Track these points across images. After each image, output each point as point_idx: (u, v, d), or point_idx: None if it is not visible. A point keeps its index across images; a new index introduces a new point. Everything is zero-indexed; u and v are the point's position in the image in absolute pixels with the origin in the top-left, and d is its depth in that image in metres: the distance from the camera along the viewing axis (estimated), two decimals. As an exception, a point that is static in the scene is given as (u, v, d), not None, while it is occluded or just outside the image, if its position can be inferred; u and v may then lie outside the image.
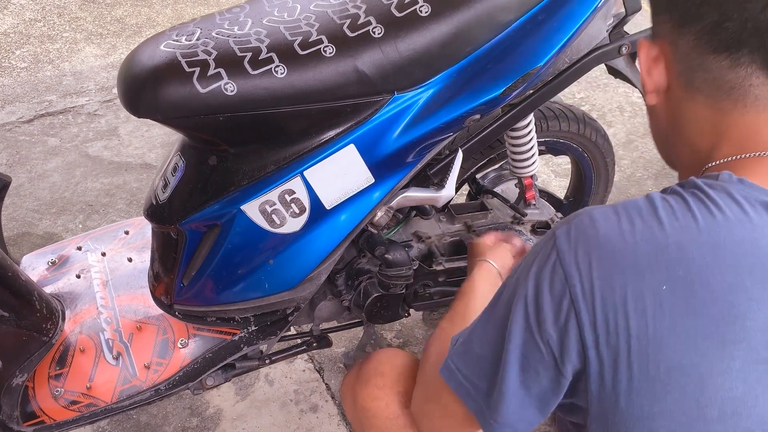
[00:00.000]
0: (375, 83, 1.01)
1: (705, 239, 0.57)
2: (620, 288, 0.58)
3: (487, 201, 1.54)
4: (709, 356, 0.56)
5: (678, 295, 0.56)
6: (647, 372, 0.57)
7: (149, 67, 0.97)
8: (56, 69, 3.02)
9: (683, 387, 0.56)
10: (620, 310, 0.58)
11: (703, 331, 0.56)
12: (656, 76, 0.69)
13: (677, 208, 0.60)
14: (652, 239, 0.58)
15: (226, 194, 1.08)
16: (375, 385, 0.96)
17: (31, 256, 1.47)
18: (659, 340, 0.57)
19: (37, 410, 1.16)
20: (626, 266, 0.58)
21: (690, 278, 0.56)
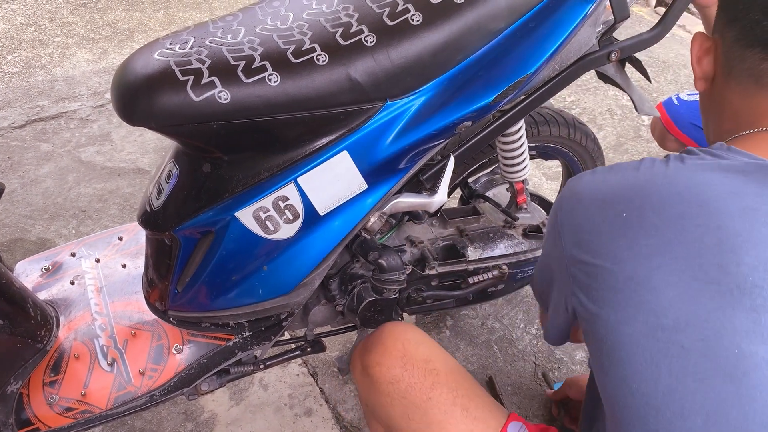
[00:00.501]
0: (367, 91, 1.02)
1: (667, 182, 0.70)
2: (592, 217, 0.74)
3: (479, 205, 1.55)
4: (663, 269, 0.65)
5: (634, 219, 0.69)
6: (611, 284, 0.69)
7: (143, 75, 0.98)
8: (48, 74, 3.01)
9: (641, 296, 0.66)
10: (590, 232, 0.73)
11: (654, 249, 0.66)
12: (705, 65, 0.82)
13: (657, 162, 0.74)
14: (623, 181, 0.74)
15: (220, 201, 1.08)
16: (377, 352, 1.03)
17: (25, 263, 1.47)
18: (618, 254, 0.69)
19: (32, 417, 1.17)
20: (599, 200, 0.74)
21: (644, 207, 0.69)
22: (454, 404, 0.94)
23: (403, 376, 0.98)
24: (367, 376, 1.03)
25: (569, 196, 0.79)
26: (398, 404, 0.97)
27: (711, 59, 0.81)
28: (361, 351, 1.08)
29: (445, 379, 0.97)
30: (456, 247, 1.42)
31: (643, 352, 0.66)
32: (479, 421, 0.93)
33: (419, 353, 1.01)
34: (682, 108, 1.99)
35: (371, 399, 1.04)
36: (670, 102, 2.04)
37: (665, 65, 3.35)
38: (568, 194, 0.80)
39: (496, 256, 1.43)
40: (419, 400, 0.96)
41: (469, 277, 1.42)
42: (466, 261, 1.40)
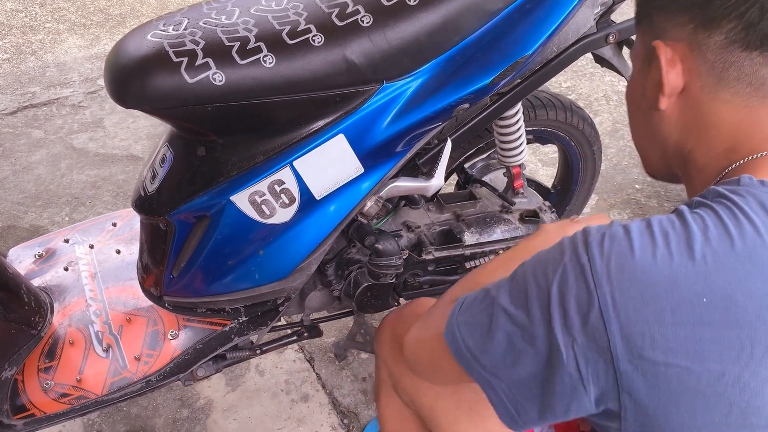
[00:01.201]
0: (364, 72, 1.01)
1: (741, 255, 0.57)
2: (654, 301, 0.57)
3: (476, 190, 1.54)
4: (753, 366, 0.56)
5: (719, 306, 0.56)
6: (690, 384, 0.57)
7: (136, 57, 0.97)
8: (39, 60, 2.98)
9: (728, 398, 0.56)
10: (655, 322, 0.57)
11: (745, 341, 0.56)
12: (673, 79, 0.68)
13: (711, 227, 0.59)
14: (687, 253, 0.58)
15: (215, 185, 1.07)
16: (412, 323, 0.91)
17: (18, 249, 1.45)
18: (701, 349, 0.56)
19: (27, 403, 1.16)
20: (661, 297, 0.57)
21: (730, 291, 0.56)
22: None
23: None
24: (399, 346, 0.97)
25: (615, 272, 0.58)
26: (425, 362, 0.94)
27: (679, 70, 0.68)
28: (395, 319, 1.07)
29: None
30: (453, 232, 1.41)
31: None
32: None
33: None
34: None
35: (398, 369, 1.01)
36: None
37: (661, 51, 3.34)
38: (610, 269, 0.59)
39: (493, 241, 1.42)
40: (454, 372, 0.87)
41: (466, 261, 1.42)
42: (462, 246, 1.39)
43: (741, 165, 0.66)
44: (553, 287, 0.61)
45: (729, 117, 0.67)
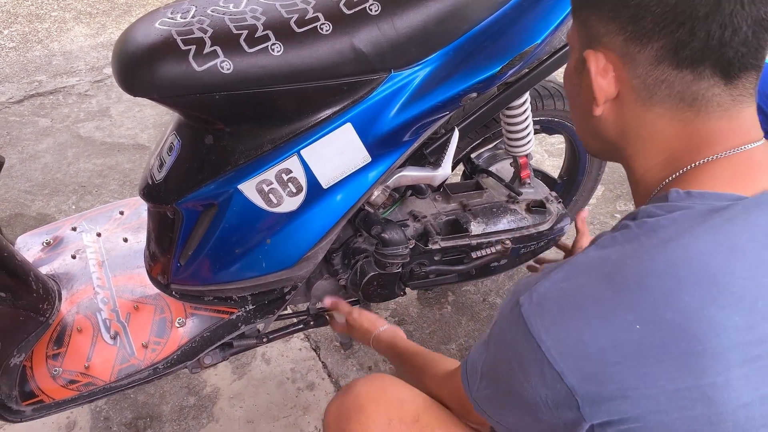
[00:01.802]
0: (372, 61, 1.00)
1: (662, 267, 0.59)
2: (592, 341, 0.59)
3: (482, 180, 1.54)
4: (707, 372, 0.56)
5: (652, 328, 0.58)
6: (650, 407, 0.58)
7: (144, 45, 0.97)
8: (45, 49, 2.98)
9: (690, 411, 0.57)
10: (600, 360, 0.59)
11: (689, 352, 0.57)
12: (606, 87, 0.68)
13: (628, 247, 0.62)
14: (610, 284, 0.60)
15: (223, 173, 1.07)
16: (357, 422, 0.90)
17: (26, 237, 1.46)
18: (651, 375, 0.58)
19: (36, 390, 1.17)
20: (592, 318, 0.60)
21: (658, 307, 0.58)
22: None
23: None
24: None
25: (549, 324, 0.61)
26: None
27: (611, 78, 0.67)
28: (336, 418, 0.94)
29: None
30: (459, 222, 1.41)
31: None
32: None
33: (406, 412, 0.90)
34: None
35: None
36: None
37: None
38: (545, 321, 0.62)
39: (499, 231, 1.42)
40: None
41: (472, 251, 1.42)
42: (469, 236, 1.39)
43: (676, 177, 0.67)
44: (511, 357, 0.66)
45: (664, 129, 0.67)
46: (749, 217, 0.60)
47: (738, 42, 0.60)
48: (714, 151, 0.64)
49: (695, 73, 0.62)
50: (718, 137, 0.64)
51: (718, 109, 0.64)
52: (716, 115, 0.64)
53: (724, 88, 0.63)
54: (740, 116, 0.64)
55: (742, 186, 0.63)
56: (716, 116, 0.64)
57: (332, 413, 0.95)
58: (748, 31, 0.60)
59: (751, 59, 0.62)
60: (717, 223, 0.60)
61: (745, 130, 0.65)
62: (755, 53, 0.61)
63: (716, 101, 0.63)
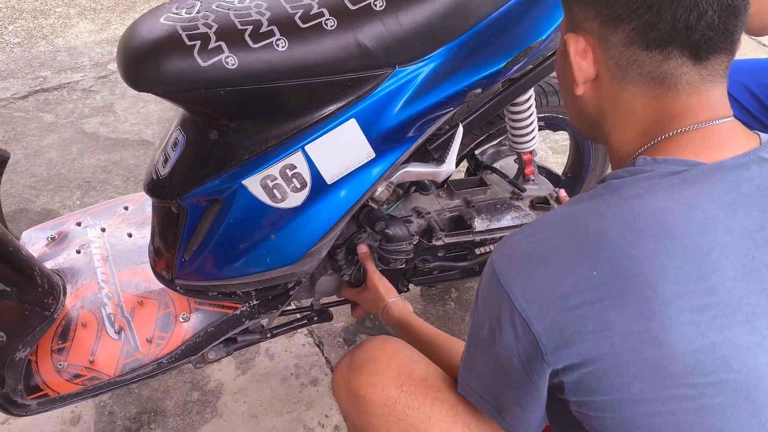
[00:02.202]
0: (376, 57, 1.00)
1: (620, 220, 0.64)
2: (555, 287, 0.64)
3: (486, 177, 1.54)
4: (657, 316, 0.61)
5: (608, 274, 0.62)
6: (606, 350, 0.63)
7: (149, 40, 0.97)
8: (50, 44, 2.99)
9: (641, 354, 0.62)
10: (562, 306, 0.64)
11: (642, 297, 0.61)
12: (585, 68, 0.72)
13: (592, 204, 0.67)
14: (572, 236, 0.66)
15: (227, 169, 1.08)
16: (368, 371, 0.94)
17: (31, 232, 1.47)
18: (606, 319, 0.62)
19: (41, 383, 1.17)
20: (554, 267, 0.65)
21: (614, 257, 0.63)
22: (455, 422, 0.89)
23: (399, 396, 0.91)
24: (357, 398, 0.94)
25: (516, 274, 0.67)
26: (394, 426, 0.90)
27: (590, 60, 0.72)
28: (348, 369, 0.98)
29: (444, 396, 0.91)
30: (463, 218, 1.41)
31: (656, 406, 0.63)
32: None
33: (416, 372, 0.93)
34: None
35: (361, 421, 0.95)
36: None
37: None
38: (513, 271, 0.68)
39: (503, 227, 1.42)
40: (418, 421, 0.89)
41: (476, 248, 1.42)
42: (472, 232, 1.39)
43: (647, 148, 0.71)
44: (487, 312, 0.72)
45: (639, 106, 0.71)
46: (708, 180, 0.64)
47: (704, 26, 0.63)
48: (683, 125, 0.68)
49: (664, 53, 0.66)
50: (688, 112, 0.68)
51: (687, 86, 0.67)
52: (686, 92, 0.68)
53: (693, 68, 0.66)
54: (709, 94, 0.68)
55: (707, 155, 0.66)
56: (686, 93, 0.68)
57: (344, 363, 0.99)
58: (713, 15, 0.63)
59: (719, 43, 0.65)
60: (676, 183, 0.64)
61: (714, 107, 0.68)
62: (723, 37, 0.65)
63: (685, 79, 0.67)
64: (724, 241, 0.62)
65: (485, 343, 0.75)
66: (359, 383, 0.94)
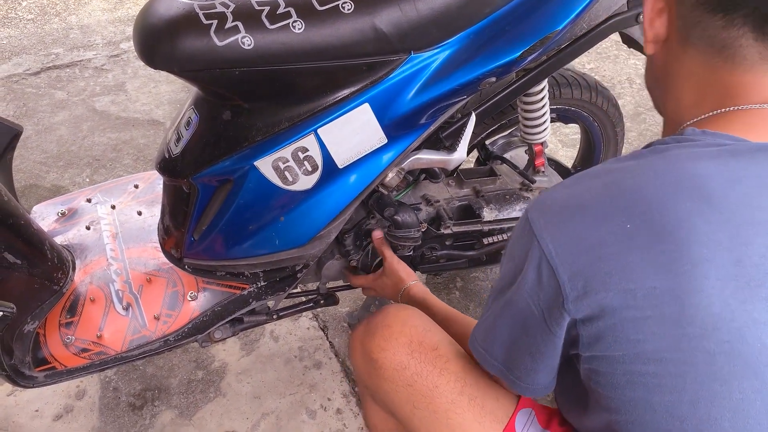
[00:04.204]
0: (392, 42, 1.00)
1: (661, 179, 0.65)
2: (587, 236, 0.65)
3: (497, 167, 1.54)
4: (684, 276, 0.61)
5: (641, 228, 0.63)
6: (628, 302, 0.63)
7: (166, 18, 0.97)
8: (63, 22, 2.99)
9: (662, 310, 0.62)
10: (590, 255, 0.64)
11: (671, 255, 0.61)
12: (657, 27, 0.74)
13: (632, 162, 0.68)
14: (610, 189, 0.67)
15: (240, 149, 1.08)
16: (381, 336, 0.97)
17: (41, 207, 1.48)
18: (633, 271, 0.63)
19: (48, 356, 1.19)
20: (589, 216, 0.66)
21: (649, 212, 0.63)
22: (462, 393, 0.91)
23: (409, 363, 0.94)
24: (369, 361, 0.98)
25: (549, 222, 0.68)
26: (403, 391, 0.94)
27: (664, 20, 0.73)
28: (363, 333, 1.02)
29: (453, 368, 0.93)
30: (471, 208, 1.42)
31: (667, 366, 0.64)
32: (487, 410, 0.90)
33: (427, 340, 0.96)
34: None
35: (373, 384, 0.99)
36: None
37: (688, 35, 3.28)
38: (546, 219, 0.68)
39: (512, 218, 1.43)
40: (425, 389, 0.92)
41: (484, 237, 1.42)
42: (481, 222, 1.40)
43: (696, 121, 0.71)
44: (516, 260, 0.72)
45: (697, 73, 0.71)
46: (753, 157, 0.64)
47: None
48: (735, 103, 0.68)
49: (726, 19, 0.65)
50: (741, 90, 0.68)
51: (744, 62, 0.67)
52: (742, 68, 0.67)
53: (753, 43, 0.65)
54: (765, 75, 0.67)
55: (755, 136, 0.67)
56: (742, 68, 0.67)
57: (361, 327, 1.04)
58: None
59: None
60: (722, 154, 0.65)
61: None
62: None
63: (743, 54, 0.66)
64: (761, 218, 0.62)
65: (506, 295, 0.75)
66: (372, 347, 0.97)
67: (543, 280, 0.68)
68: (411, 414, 0.94)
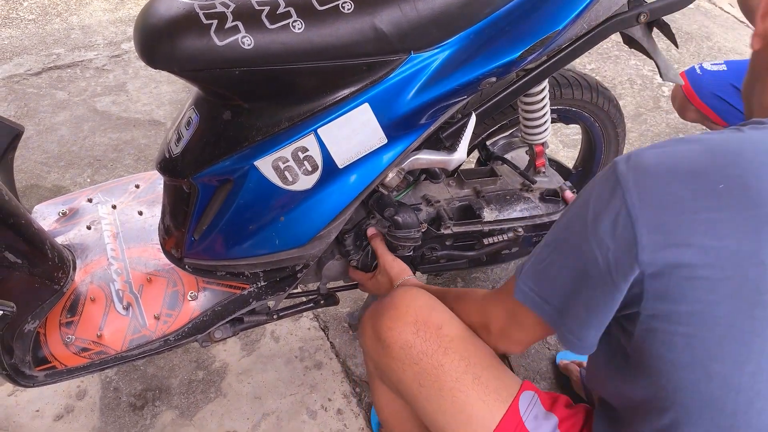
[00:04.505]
0: (392, 42, 1.00)
1: (759, 146, 0.65)
2: (676, 191, 0.65)
3: (497, 167, 1.54)
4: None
5: (734, 189, 0.63)
6: (710, 260, 0.63)
7: (167, 17, 0.97)
8: (64, 22, 2.99)
9: (743, 272, 0.62)
10: (677, 208, 0.64)
11: (761, 220, 0.62)
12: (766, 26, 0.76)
13: (730, 131, 0.70)
14: (707, 152, 0.67)
15: (240, 149, 1.08)
16: (389, 317, 1.00)
17: (42, 206, 1.48)
18: (720, 231, 0.63)
19: (49, 356, 1.19)
20: (681, 173, 0.66)
21: (744, 175, 0.63)
22: (466, 372, 0.93)
23: (415, 341, 0.96)
24: (377, 340, 1.01)
25: (640, 176, 0.68)
26: (410, 370, 0.96)
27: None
28: (372, 314, 1.06)
29: (457, 346, 0.95)
30: (472, 208, 1.41)
31: (734, 333, 0.63)
32: (491, 389, 0.92)
33: (432, 319, 0.98)
34: (705, 78, 1.96)
35: (381, 362, 1.02)
36: (692, 71, 2.01)
37: (688, 36, 3.28)
38: (637, 173, 0.68)
39: (512, 219, 1.43)
40: (431, 367, 0.94)
41: (484, 238, 1.42)
42: (481, 222, 1.40)
43: None
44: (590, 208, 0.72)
45: None
46: None
47: None
48: None
49: None
50: None
51: None
52: None
53: None
54: None
55: None
56: None
57: (371, 309, 1.07)
58: None
59: None
60: None
61: None
62: None
63: None
64: None
65: (568, 242, 0.76)
66: (380, 327, 1.00)
67: (618, 230, 0.68)
68: (417, 392, 0.96)
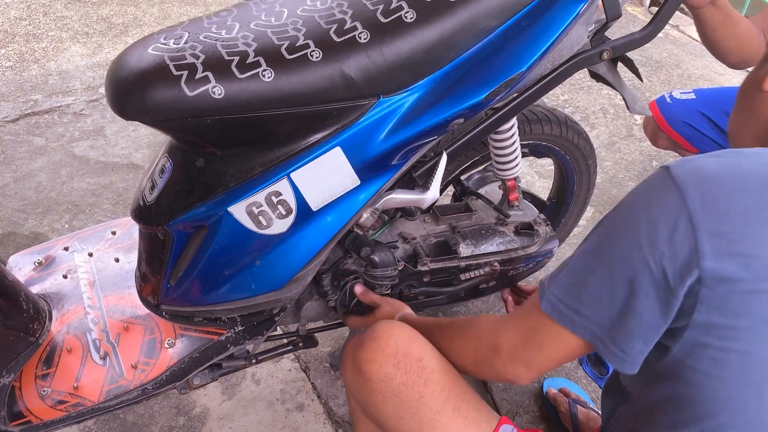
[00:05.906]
0: (361, 87, 1.02)
1: None
2: (742, 200, 0.65)
3: (472, 202, 1.56)
4: None
5: None
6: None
7: (137, 70, 0.98)
8: (42, 68, 3.00)
9: None
10: (744, 218, 0.64)
11: None
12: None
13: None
14: (762, 165, 0.68)
15: (213, 196, 1.09)
16: (369, 349, 1.00)
17: (18, 257, 1.47)
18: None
19: (24, 410, 1.17)
20: (746, 183, 0.66)
21: None
22: (446, 403, 0.93)
23: (395, 374, 0.96)
24: (358, 373, 1.01)
25: (703, 182, 0.67)
26: (390, 402, 0.96)
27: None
28: (353, 347, 1.06)
29: (437, 378, 0.96)
30: (448, 244, 1.43)
31: None
32: (471, 421, 0.93)
33: (412, 351, 0.99)
34: (675, 106, 2.00)
35: (362, 396, 1.02)
36: (662, 100, 2.06)
37: (658, 65, 3.37)
38: (699, 179, 0.68)
39: (488, 253, 1.44)
40: (411, 399, 0.94)
41: (461, 273, 1.43)
42: (458, 257, 1.41)
43: None
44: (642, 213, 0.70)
45: None
46: None
47: None
48: None
49: None
50: None
51: None
52: None
53: None
54: None
55: None
56: None
57: (351, 343, 1.08)
58: None
59: None
60: None
61: None
62: None
63: None
64: None
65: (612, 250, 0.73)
66: (360, 359, 1.00)
67: (676, 237, 0.66)
68: (398, 425, 0.96)
